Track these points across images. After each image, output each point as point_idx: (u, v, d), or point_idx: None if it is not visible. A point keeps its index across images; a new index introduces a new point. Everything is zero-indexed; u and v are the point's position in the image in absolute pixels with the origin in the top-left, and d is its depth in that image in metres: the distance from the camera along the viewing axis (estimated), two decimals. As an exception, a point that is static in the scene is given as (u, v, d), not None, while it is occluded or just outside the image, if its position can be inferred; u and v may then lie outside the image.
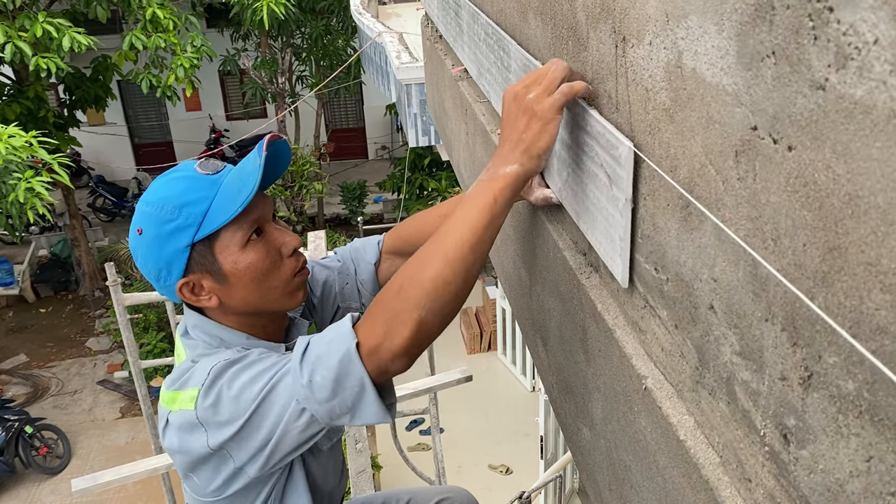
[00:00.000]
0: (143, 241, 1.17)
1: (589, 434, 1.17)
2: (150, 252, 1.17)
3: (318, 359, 1.06)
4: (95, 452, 8.83)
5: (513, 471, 7.61)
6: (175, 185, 1.18)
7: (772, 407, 0.64)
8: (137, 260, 1.20)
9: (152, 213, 1.16)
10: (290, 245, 1.25)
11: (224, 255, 1.18)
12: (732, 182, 0.66)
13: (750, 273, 0.65)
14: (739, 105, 0.64)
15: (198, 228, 1.15)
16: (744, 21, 0.61)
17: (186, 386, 1.13)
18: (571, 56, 1.11)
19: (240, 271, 1.18)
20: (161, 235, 1.15)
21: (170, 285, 1.19)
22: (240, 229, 1.18)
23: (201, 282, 1.19)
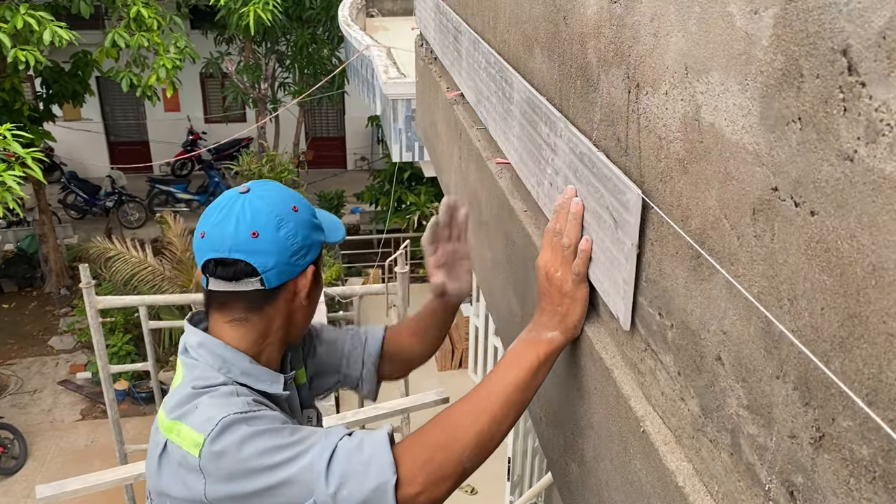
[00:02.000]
0: (298, 218, 1.21)
1: (578, 470, 1.18)
2: (303, 230, 1.22)
3: (349, 476, 1.03)
4: (53, 454, 8.63)
5: (478, 491, 7.58)
6: None
7: (779, 463, 0.65)
8: (283, 228, 1.19)
9: (303, 204, 1.25)
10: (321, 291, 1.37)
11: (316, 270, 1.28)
12: (748, 239, 0.68)
13: (762, 330, 0.66)
14: (760, 165, 0.65)
15: (325, 235, 1.28)
16: (769, 84, 0.63)
17: (187, 421, 1.10)
18: (579, 95, 1.12)
19: (319, 285, 1.30)
20: (312, 224, 1.24)
21: (302, 264, 1.22)
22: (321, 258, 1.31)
23: (310, 275, 1.25)
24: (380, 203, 11.49)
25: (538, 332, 1.12)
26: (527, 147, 1.40)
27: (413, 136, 6.20)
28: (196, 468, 1.06)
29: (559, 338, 1.11)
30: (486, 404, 1.07)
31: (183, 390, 1.15)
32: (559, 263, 1.10)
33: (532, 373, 1.08)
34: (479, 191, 1.89)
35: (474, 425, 1.06)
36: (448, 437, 1.06)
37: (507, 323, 1.64)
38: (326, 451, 1.04)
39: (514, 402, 1.08)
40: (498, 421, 1.07)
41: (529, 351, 1.10)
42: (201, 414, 1.09)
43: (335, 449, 1.05)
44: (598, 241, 1.03)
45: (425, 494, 1.04)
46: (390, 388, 7.56)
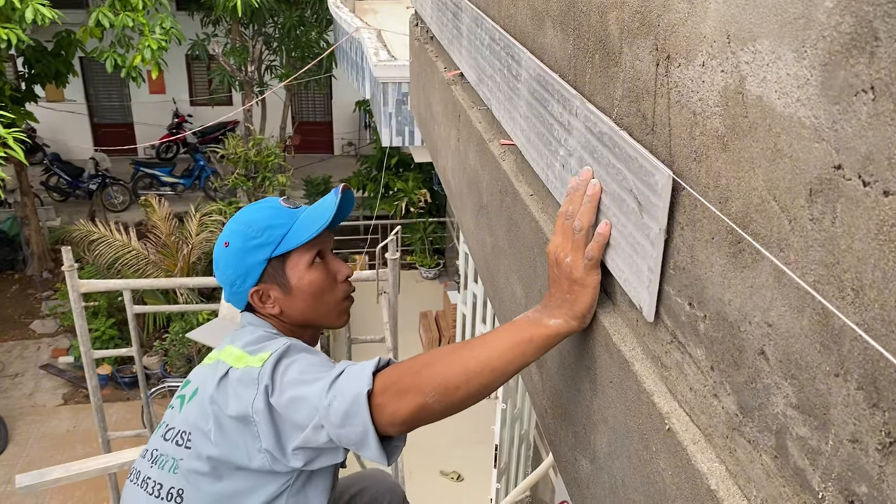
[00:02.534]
0: (229, 252, 1.42)
1: (589, 467, 1.12)
2: (232, 261, 1.42)
3: (339, 388, 1.17)
4: (34, 439, 8.52)
5: (464, 478, 7.56)
6: (261, 212, 1.44)
7: (836, 469, 0.59)
8: (218, 267, 1.45)
9: (241, 231, 1.42)
10: (344, 273, 1.48)
11: (292, 271, 1.42)
12: (803, 223, 0.61)
13: (818, 322, 0.60)
14: (819, 140, 0.59)
15: (276, 247, 1.40)
16: (834, 50, 0.57)
17: (259, 352, 1.29)
18: (597, 70, 1.06)
19: (303, 286, 1.42)
20: (245, 249, 1.41)
21: (241, 291, 1.43)
22: (307, 252, 1.42)
23: (269, 291, 1.42)
24: (367, 189, 11.39)
25: (542, 314, 1.07)
26: (535, 127, 1.34)
27: (403, 121, 6.11)
28: (254, 378, 1.24)
29: (562, 326, 1.05)
30: (465, 355, 1.09)
31: (255, 333, 1.39)
32: (570, 248, 1.04)
33: (520, 347, 1.05)
34: (480, 174, 1.82)
35: (446, 368, 1.09)
36: (421, 369, 1.12)
37: (511, 310, 1.58)
38: (336, 372, 1.20)
39: (491, 367, 1.07)
40: (468, 375, 1.07)
41: (526, 328, 1.07)
42: (275, 344, 1.31)
43: (343, 371, 1.20)
44: (617, 225, 0.97)
45: (389, 407, 1.13)
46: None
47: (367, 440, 1.15)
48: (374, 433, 1.14)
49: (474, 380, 1.07)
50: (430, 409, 1.11)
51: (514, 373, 1.07)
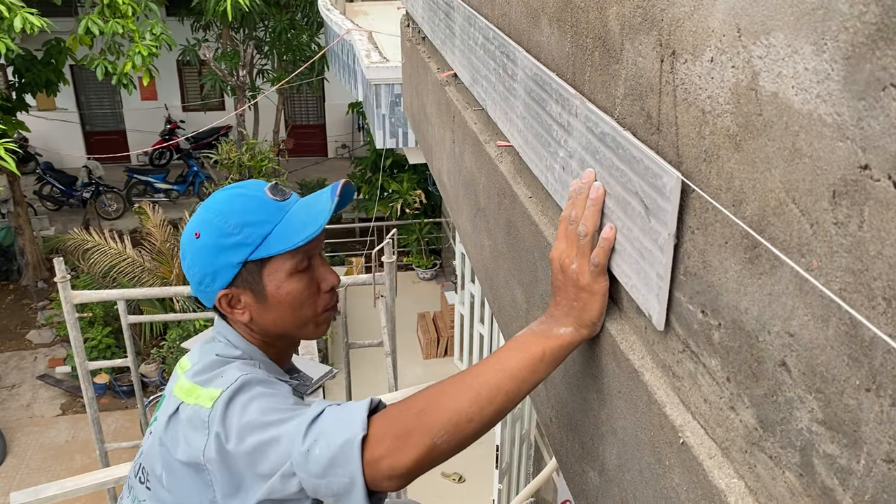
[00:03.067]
0: (199, 245, 1.22)
1: (598, 479, 1.08)
2: (201, 257, 1.22)
3: (323, 433, 1.02)
4: (32, 451, 8.46)
5: (465, 479, 7.53)
6: (242, 201, 1.22)
7: (869, 490, 0.55)
8: (185, 259, 1.25)
9: (215, 222, 1.21)
10: (330, 282, 1.29)
11: (271, 278, 1.22)
12: (826, 226, 0.58)
13: (845, 333, 0.56)
14: (843, 139, 0.55)
15: (254, 249, 1.20)
16: (858, 42, 0.53)
17: (210, 385, 1.14)
18: (597, 68, 1.02)
19: (280, 296, 1.23)
20: (218, 246, 1.20)
21: (210, 292, 1.24)
22: (291, 259, 1.22)
23: (240, 296, 1.24)
24: (362, 191, 11.34)
25: (550, 325, 1.01)
26: (533, 128, 1.30)
27: (397, 122, 6.07)
28: (203, 422, 1.10)
29: (572, 334, 1.00)
30: (473, 383, 0.99)
31: (208, 357, 1.22)
32: (575, 254, 0.99)
33: (532, 365, 0.98)
34: (477, 176, 1.78)
35: (455, 401, 0.98)
36: (426, 406, 0.99)
37: (511, 315, 1.54)
38: (313, 413, 1.05)
39: (505, 390, 0.98)
40: (481, 404, 0.98)
41: (536, 342, 1.00)
42: (226, 377, 1.15)
43: (322, 412, 1.05)
44: (623, 230, 0.93)
45: (388, 459, 0.98)
46: (380, 382, 7.45)
47: (353, 493, 1.00)
48: (362, 485, 0.99)
49: (487, 408, 0.98)
50: (439, 451, 0.98)
51: (527, 393, 1.00)
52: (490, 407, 0.98)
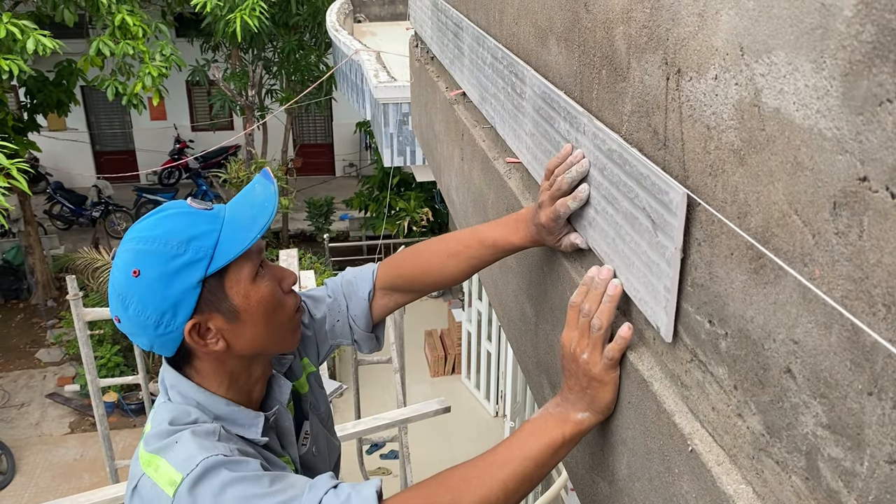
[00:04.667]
0: (142, 283, 1.03)
1: (608, 489, 1.09)
2: (151, 294, 1.04)
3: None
4: (41, 469, 8.47)
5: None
6: (174, 220, 1.07)
7: (873, 492, 0.57)
8: (130, 307, 1.05)
9: (154, 249, 1.04)
10: (290, 280, 1.17)
11: (235, 290, 1.08)
12: (827, 237, 0.60)
13: (847, 339, 0.58)
14: (843, 152, 0.57)
15: (210, 261, 1.05)
16: (855, 60, 0.55)
17: (167, 456, 1.01)
18: (604, 86, 1.05)
19: (252, 306, 1.09)
20: (167, 273, 1.03)
21: (173, 330, 1.06)
22: (248, 261, 1.09)
23: (209, 323, 1.08)
24: (369, 209, 11.39)
25: (566, 409, 1.04)
26: (541, 145, 1.32)
27: (404, 141, 6.12)
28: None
29: (590, 419, 1.03)
30: (500, 474, 0.98)
31: (161, 424, 1.07)
32: (586, 345, 1.01)
33: (553, 450, 1.01)
34: (486, 192, 1.81)
35: (483, 493, 0.96)
36: (451, 500, 0.96)
37: (520, 329, 1.56)
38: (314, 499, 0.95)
39: (528, 476, 1.00)
40: (507, 493, 0.98)
41: (556, 427, 1.02)
42: (182, 450, 1.00)
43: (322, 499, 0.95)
44: (632, 244, 0.95)
45: None
46: (388, 399, 7.37)
47: None
48: None
49: (513, 496, 0.97)
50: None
51: (548, 473, 1.02)
52: (516, 495, 0.99)
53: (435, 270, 1.32)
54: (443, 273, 1.31)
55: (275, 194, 1.10)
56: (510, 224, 1.25)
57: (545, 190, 1.16)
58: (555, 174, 1.14)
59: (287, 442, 1.24)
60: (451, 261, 1.30)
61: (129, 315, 1.06)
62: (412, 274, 1.36)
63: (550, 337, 1.33)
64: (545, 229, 1.17)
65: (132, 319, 1.06)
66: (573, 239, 1.16)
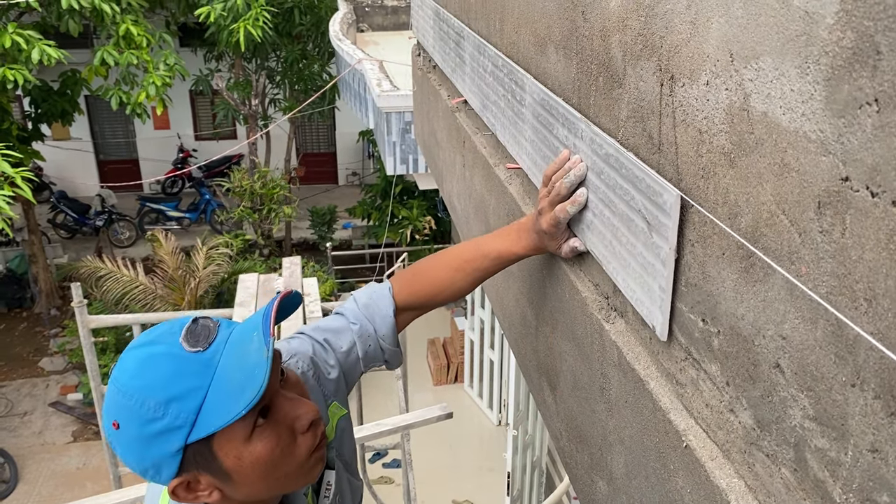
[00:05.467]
0: (123, 437, 0.92)
1: (606, 488, 1.11)
2: (132, 451, 0.93)
3: None
4: (44, 478, 8.48)
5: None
6: (156, 367, 0.92)
7: (857, 480, 0.59)
8: (118, 450, 0.95)
9: (131, 406, 0.90)
10: (306, 419, 0.99)
11: (225, 450, 0.93)
12: (813, 235, 0.62)
13: (832, 333, 0.61)
14: (826, 154, 0.60)
15: (191, 429, 0.90)
16: (836, 65, 0.58)
17: None
18: (601, 93, 1.07)
19: (245, 468, 0.94)
20: (144, 436, 0.91)
21: (160, 482, 0.97)
22: (243, 420, 0.92)
23: (198, 478, 0.96)
24: (371, 218, 11.43)
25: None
26: (541, 151, 1.35)
27: (407, 149, 6.16)
28: None
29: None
30: None
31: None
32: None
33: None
34: (487, 198, 1.83)
35: None
36: None
37: (521, 332, 1.58)
38: None
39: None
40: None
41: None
42: None
43: None
44: (628, 245, 0.97)
45: None
46: (391, 406, 7.36)
47: None
48: None
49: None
50: None
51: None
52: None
53: (444, 286, 1.35)
54: (451, 288, 1.35)
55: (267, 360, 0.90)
56: (512, 234, 1.28)
57: (544, 196, 1.19)
58: (553, 180, 1.17)
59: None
60: (457, 275, 1.33)
61: (120, 457, 0.97)
62: (423, 291, 1.36)
63: (550, 339, 1.35)
64: (547, 235, 1.20)
65: (125, 461, 0.97)
66: (573, 243, 1.18)
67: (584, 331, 1.16)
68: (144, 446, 0.91)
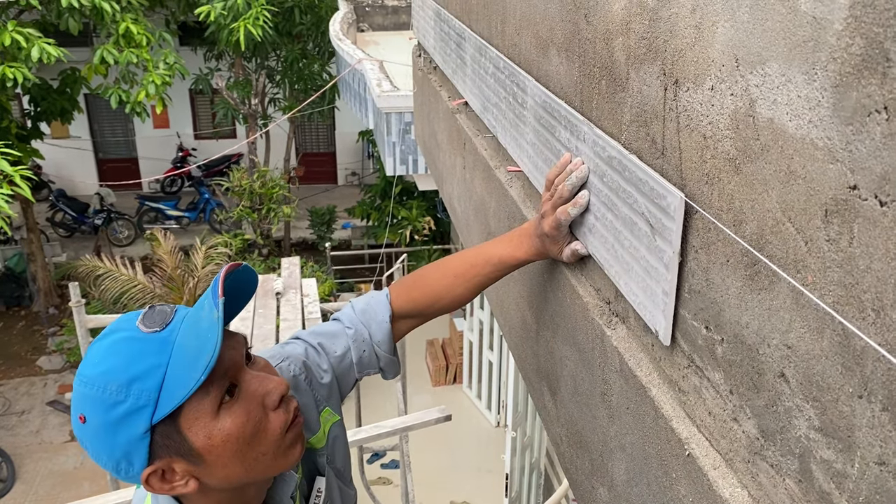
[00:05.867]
0: (89, 430, 0.91)
1: (607, 495, 1.11)
2: (100, 443, 0.91)
3: None
4: (41, 477, 8.47)
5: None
6: (117, 351, 0.91)
7: (863, 493, 0.58)
8: (88, 449, 0.94)
9: (94, 395, 0.89)
10: (275, 394, 0.97)
11: (194, 430, 0.91)
12: (819, 243, 0.61)
13: (839, 343, 0.60)
14: (833, 161, 0.59)
15: (154, 408, 0.89)
16: (845, 72, 0.57)
17: None
18: (604, 96, 1.06)
19: (216, 447, 0.92)
20: (110, 423, 0.89)
21: (134, 476, 0.94)
22: (207, 395, 0.91)
23: (172, 466, 0.93)
24: (371, 218, 11.42)
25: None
26: (542, 153, 1.34)
27: (407, 150, 6.15)
28: None
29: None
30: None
31: None
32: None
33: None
34: (487, 200, 1.82)
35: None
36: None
37: (521, 336, 1.57)
38: None
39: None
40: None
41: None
42: None
43: None
44: (631, 249, 0.97)
45: None
46: (389, 408, 7.36)
47: None
48: None
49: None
50: None
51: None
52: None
53: (444, 293, 1.32)
54: (451, 294, 1.32)
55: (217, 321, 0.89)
56: (514, 239, 1.27)
57: (546, 200, 1.18)
58: (555, 183, 1.17)
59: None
60: (457, 281, 1.31)
61: (91, 456, 0.95)
62: (422, 298, 1.34)
63: (551, 344, 1.35)
64: (549, 238, 1.19)
65: (95, 461, 0.95)
66: (575, 247, 1.17)
67: (586, 336, 1.15)
68: (112, 434, 0.89)
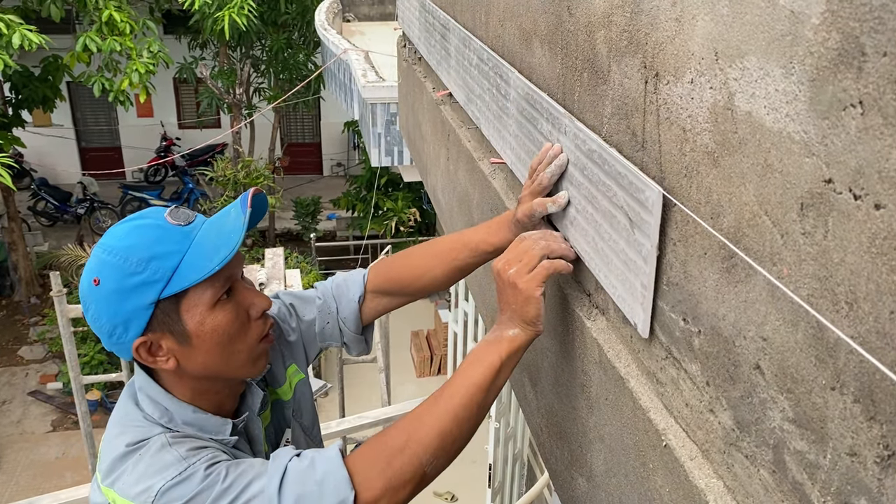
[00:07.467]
0: (100, 292, 1.04)
1: (586, 485, 1.11)
2: (106, 306, 1.05)
3: (304, 498, 0.97)
4: (23, 467, 8.41)
5: (458, 498, 7.50)
6: (142, 233, 1.06)
7: (835, 483, 0.59)
8: (88, 312, 1.07)
9: (115, 263, 1.03)
10: (259, 307, 1.14)
11: (190, 314, 1.06)
12: (795, 237, 0.62)
13: (813, 336, 0.60)
14: (809, 155, 0.59)
15: (166, 284, 1.03)
16: (821, 66, 0.57)
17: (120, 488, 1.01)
18: (586, 88, 1.07)
19: (205, 333, 1.07)
20: (123, 289, 1.03)
21: (124, 342, 1.07)
22: (210, 287, 1.07)
23: (160, 341, 1.07)
24: (356, 209, 11.39)
25: (501, 331, 1.08)
26: (525, 146, 1.34)
27: (392, 141, 6.13)
28: None
29: (521, 335, 1.06)
30: (448, 405, 1.03)
31: (116, 450, 1.05)
32: (517, 264, 1.07)
33: (495, 372, 1.04)
34: (470, 192, 1.82)
35: (436, 426, 1.01)
36: (408, 440, 1.01)
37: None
38: (276, 475, 0.98)
39: (477, 402, 1.03)
40: (460, 422, 1.02)
41: (492, 350, 1.06)
42: (134, 479, 1.00)
43: (285, 471, 0.99)
44: (610, 242, 0.97)
45: (385, 501, 0.99)
46: (373, 398, 7.38)
47: None
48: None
49: (466, 423, 1.02)
50: (430, 477, 1.02)
51: (495, 397, 1.06)
52: (469, 422, 1.03)
53: (421, 273, 1.34)
54: (429, 275, 1.33)
55: (243, 226, 1.06)
56: (492, 226, 1.27)
57: (527, 187, 1.18)
58: (536, 171, 1.17)
59: (257, 450, 1.23)
60: (436, 262, 1.32)
61: (88, 318, 1.08)
62: (400, 277, 1.37)
63: (532, 335, 1.35)
64: (520, 226, 1.19)
65: (90, 323, 1.08)
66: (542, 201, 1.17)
67: (566, 327, 1.16)
68: (121, 299, 1.03)
